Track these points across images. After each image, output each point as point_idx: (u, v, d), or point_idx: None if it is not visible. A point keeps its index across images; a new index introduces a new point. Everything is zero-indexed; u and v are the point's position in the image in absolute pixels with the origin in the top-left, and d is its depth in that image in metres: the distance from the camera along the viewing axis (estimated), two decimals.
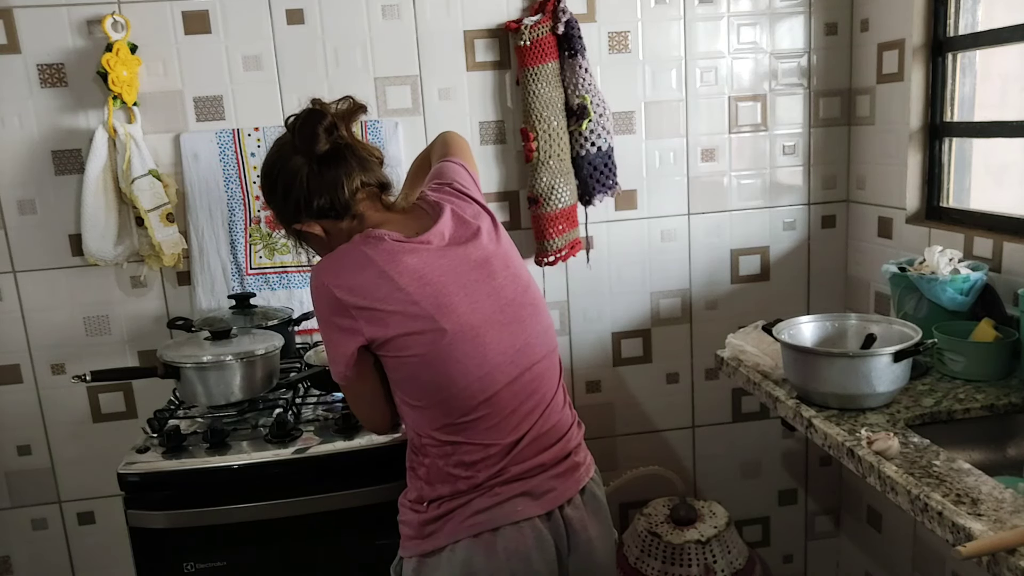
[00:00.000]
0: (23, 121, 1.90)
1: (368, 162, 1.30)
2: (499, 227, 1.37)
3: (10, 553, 2.10)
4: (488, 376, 1.24)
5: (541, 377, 1.31)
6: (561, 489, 1.30)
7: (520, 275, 1.33)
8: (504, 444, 1.26)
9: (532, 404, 1.29)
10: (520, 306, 1.30)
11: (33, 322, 2.00)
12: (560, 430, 1.33)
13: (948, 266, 1.68)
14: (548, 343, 1.35)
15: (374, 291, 1.19)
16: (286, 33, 1.95)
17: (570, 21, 1.96)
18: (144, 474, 1.48)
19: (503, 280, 1.29)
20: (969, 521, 1.05)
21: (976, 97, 1.92)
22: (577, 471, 1.34)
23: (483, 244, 1.30)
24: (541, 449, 1.29)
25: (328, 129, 1.26)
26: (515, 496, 1.25)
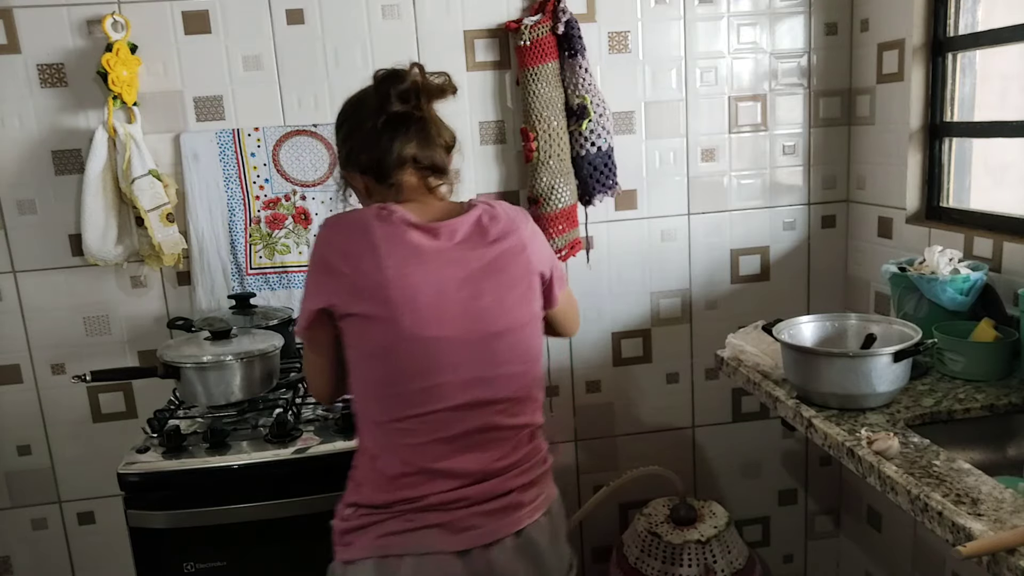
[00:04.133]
0: (23, 121, 1.90)
1: (432, 140, 1.27)
2: (529, 268, 1.26)
3: (10, 553, 2.10)
4: (429, 392, 1.17)
5: (496, 415, 1.21)
6: (488, 528, 1.18)
7: (511, 314, 1.23)
8: (427, 468, 1.17)
9: (475, 439, 1.19)
10: (495, 338, 1.20)
11: (33, 322, 2.00)
12: (500, 467, 1.21)
13: (948, 266, 1.68)
14: (519, 390, 1.24)
15: (359, 262, 1.16)
16: (286, 33, 1.95)
17: (570, 21, 1.96)
18: (144, 474, 1.48)
19: (488, 304, 1.20)
20: (969, 521, 1.05)
21: (976, 97, 1.92)
22: (516, 511, 1.20)
23: (488, 259, 1.22)
24: (470, 483, 1.18)
25: (403, 95, 1.24)
26: (429, 527, 1.16)
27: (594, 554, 2.34)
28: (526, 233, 1.28)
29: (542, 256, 1.30)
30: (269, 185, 1.99)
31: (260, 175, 1.99)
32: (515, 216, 1.30)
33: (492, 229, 1.25)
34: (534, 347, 1.28)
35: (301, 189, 2.00)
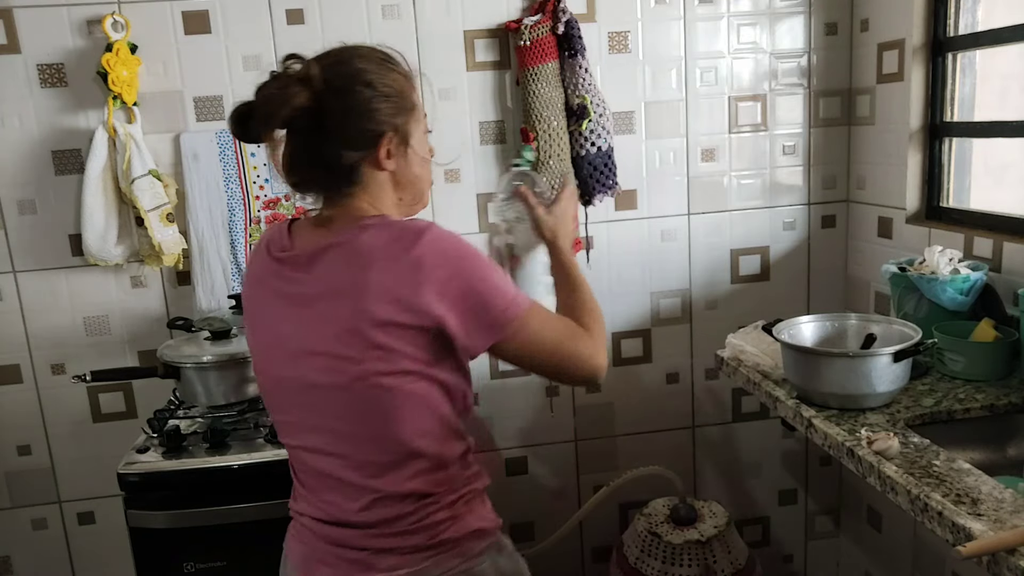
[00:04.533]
0: (23, 121, 1.90)
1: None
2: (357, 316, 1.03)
3: (10, 553, 2.10)
4: (280, 426, 1.18)
5: (341, 469, 1.10)
6: (338, 568, 1.13)
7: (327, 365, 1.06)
8: (298, 481, 1.19)
9: (320, 482, 1.14)
10: (314, 389, 1.08)
11: (33, 322, 2.00)
12: (350, 520, 1.11)
13: (948, 266, 1.68)
14: (370, 452, 1.09)
15: None
16: (286, 33, 1.95)
17: (570, 21, 1.96)
18: (144, 474, 1.48)
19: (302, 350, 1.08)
20: (969, 521, 1.05)
21: (976, 97, 1.92)
22: (366, 571, 1.11)
23: (314, 286, 1.06)
24: (324, 520, 1.14)
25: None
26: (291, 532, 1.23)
27: (594, 554, 2.35)
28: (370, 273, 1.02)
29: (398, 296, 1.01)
30: (269, 185, 1.99)
31: (260, 175, 1.99)
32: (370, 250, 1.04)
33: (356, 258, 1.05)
34: (380, 410, 1.06)
35: None
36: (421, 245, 1.03)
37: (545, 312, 1.13)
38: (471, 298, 1.04)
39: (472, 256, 1.06)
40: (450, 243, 1.06)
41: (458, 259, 1.05)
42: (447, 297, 1.03)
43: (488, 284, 1.06)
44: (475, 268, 1.06)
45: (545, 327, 1.11)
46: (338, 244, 1.06)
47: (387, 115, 1.09)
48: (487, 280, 1.06)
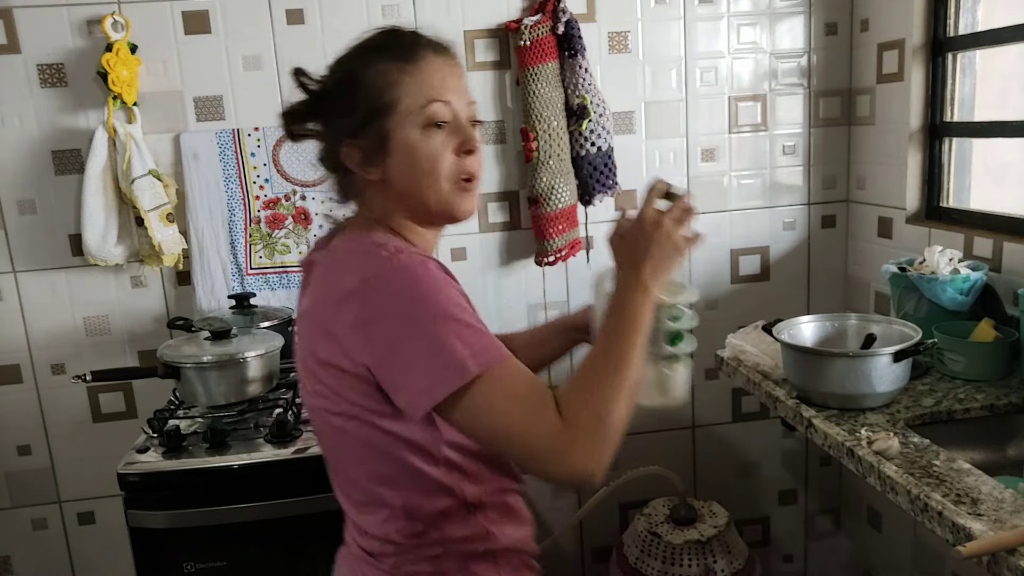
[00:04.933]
0: (23, 121, 1.90)
1: None
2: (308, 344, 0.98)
3: (10, 553, 2.10)
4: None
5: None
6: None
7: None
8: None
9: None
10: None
11: (33, 322, 2.00)
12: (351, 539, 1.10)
13: (948, 266, 1.68)
14: (336, 487, 1.08)
15: None
16: (286, 33, 1.95)
17: (570, 21, 1.96)
18: (144, 474, 1.48)
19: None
20: (969, 521, 1.05)
21: (976, 97, 1.92)
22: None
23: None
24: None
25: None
26: None
27: (594, 554, 2.34)
28: (324, 294, 0.95)
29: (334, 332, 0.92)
30: (269, 185, 1.99)
31: (260, 175, 1.99)
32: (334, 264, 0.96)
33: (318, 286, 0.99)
34: (337, 446, 1.02)
35: (301, 189, 2.00)
36: (363, 275, 0.89)
37: (504, 385, 0.87)
38: (398, 352, 0.88)
39: (422, 301, 0.88)
40: (402, 280, 0.89)
41: (399, 301, 0.88)
42: (371, 343, 0.89)
43: (425, 339, 0.87)
44: (416, 316, 0.87)
45: (488, 413, 0.87)
46: (320, 259, 1.00)
47: (354, 114, 0.98)
48: (426, 333, 0.86)
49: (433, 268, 0.92)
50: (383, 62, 0.99)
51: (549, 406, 0.87)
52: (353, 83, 1.00)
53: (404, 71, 0.98)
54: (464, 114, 1.00)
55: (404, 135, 0.97)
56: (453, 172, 0.99)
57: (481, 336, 0.89)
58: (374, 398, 0.92)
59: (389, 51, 1.00)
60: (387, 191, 1.00)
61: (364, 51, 1.02)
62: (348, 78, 1.01)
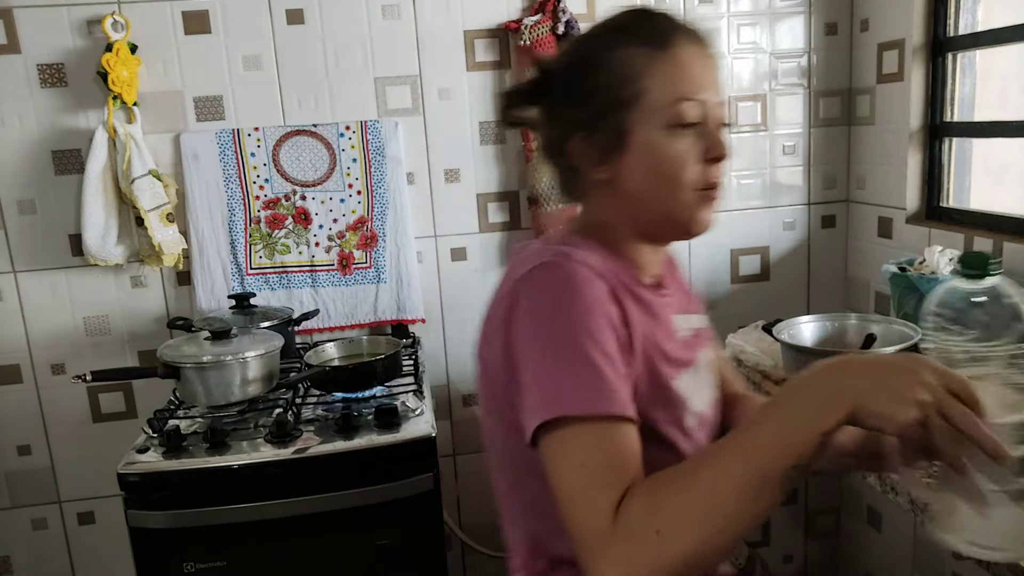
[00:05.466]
0: (23, 121, 1.90)
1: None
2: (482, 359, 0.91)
3: (10, 553, 2.10)
4: None
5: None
6: None
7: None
8: None
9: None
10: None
11: (33, 322, 2.00)
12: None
13: (948, 266, 1.68)
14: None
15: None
16: (286, 33, 1.95)
17: (570, 21, 1.96)
18: (144, 474, 1.48)
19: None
20: None
21: (976, 97, 1.92)
22: None
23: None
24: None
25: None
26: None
27: None
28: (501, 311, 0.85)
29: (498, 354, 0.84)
30: (269, 185, 1.99)
31: (260, 175, 1.99)
32: (506, 279, 0.89)
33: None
34: (498, 473, 0.94)
35: (301, 189, 2.00)
36: (523, 274, 0.83)
37: (587, 444, 0.73)
38: (512, 365, 0.80)
39: (563, 315, 0.78)
40: (557, 287, 0.80)
41: (542, 308, 0.79)
42: (509, 344, 0.82)
43: (546, 358, 0.77)
44: (549, 330, 0.78)
45: (558, 466, 0.74)
46: (511, 257, 0.95)
47: (589, 104, 0.87)
48: (549, 351, 0.77)
49: (599, 292, 0.80)
50: (630, 46, 0.85)
51: (612, 493, 0.70)
52: (592, 68, 0.87)
53: (654, 59, 0.85)
54: (714, 116, 0.87)
55: (645, 134, 0.85)
56: (696, 181, 0.86)
57: (599, 380, 0.75)
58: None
59: (638, 34, 0.86)
60: (616, 194, 0.89)
61: (609, 32, 0.89)
62: (586, 62, 0.88)
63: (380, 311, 2.06)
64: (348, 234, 2.03)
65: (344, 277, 2.04)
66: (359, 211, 2.02)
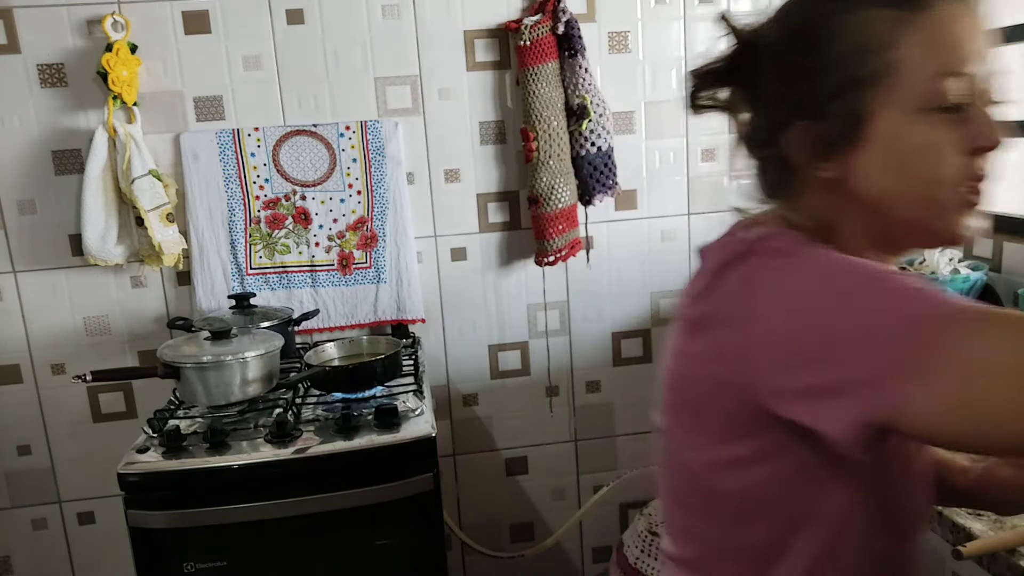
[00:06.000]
0: (23, 121, 1.90)
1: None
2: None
3: (10, 553, 2.10)
4: None
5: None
6: None
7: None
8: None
9: None
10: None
11: (33, 322, 2.00)
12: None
13: (948, 266, 1.68)
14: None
15: None
16: (286, 33, 1.95)
17: (570, 21, 1.96)
18: (144, 474, 1.48)
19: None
20: (969, 521, 1.05)
21: None
22: None
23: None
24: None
25: None
26: None
27: (594, 554, 2.34)
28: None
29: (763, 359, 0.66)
30: (269, 185, 1.99)
31: (260, 175, 1.99)
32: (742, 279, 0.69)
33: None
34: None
35: (301, 189, 2.00)
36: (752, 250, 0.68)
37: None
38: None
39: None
40: (830, 263, 0.65)
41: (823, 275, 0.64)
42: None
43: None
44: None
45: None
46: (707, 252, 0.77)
47: (814, 85, 0.69)
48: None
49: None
50: (871, 7, 0.66)
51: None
52: (818, 38, 0.68)
53: (906, 23, 0.66)
54: (983, 93, 0.68)
55: (892, 119, 0.67)
56: (957, 177, 0.69)
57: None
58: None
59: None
60: (843, 196, 0.71)
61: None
62: (810, 30, 0.69)
63: (380, 311, 2.06)
64: (348, 234, 2.03)
65: (344, 277, 2.04)
66: (359, 211, 2.02)
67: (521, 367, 2.20)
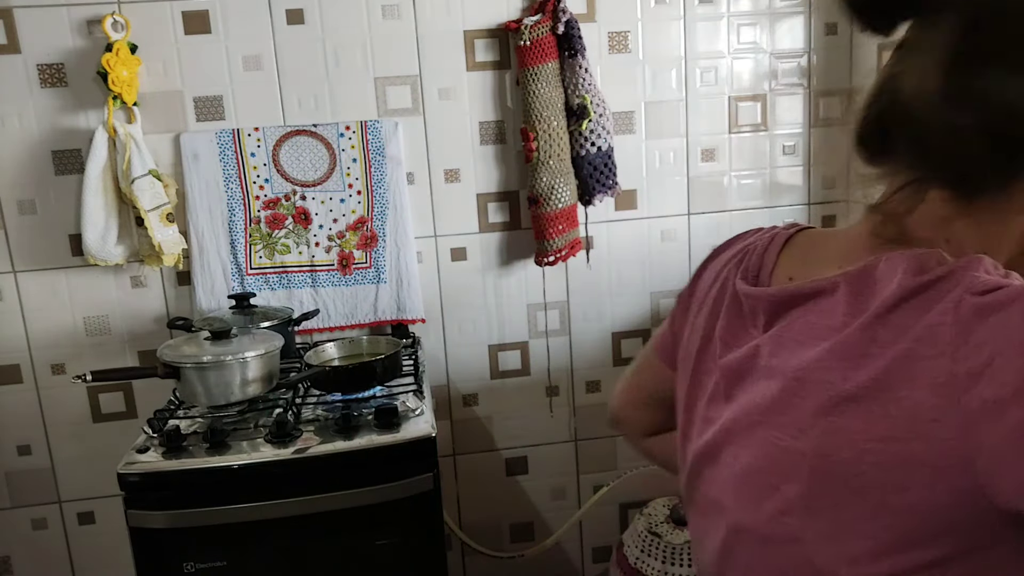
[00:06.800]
0: (23, 121, 1.90)
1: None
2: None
3: (10, 553, 2.10)
4: None
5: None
6: None
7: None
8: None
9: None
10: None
11: (33, 322, 2.00)
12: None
13: None
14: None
15: None
16: (286, 33, 1.95)
17: (570, 21, 1.96)
18: (144, 474, 1.48)
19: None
20: None
21: None
22: None
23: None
24: None
25: None
26: None
27: (594, 554, 2.34)
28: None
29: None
30: (269, 185, 1.99)
31: (260, 175, 1.99)
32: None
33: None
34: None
35: (301, 189, 2.00)
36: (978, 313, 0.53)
37: None
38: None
39: None
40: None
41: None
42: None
43: None
44: None
45: None
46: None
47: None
48: None
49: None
50: None
51: None
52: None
53: None
54: None
55: None
56: None
57: None
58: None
59: None
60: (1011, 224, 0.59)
61: None
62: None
63: (380, 311, 2.06)
64: (348, 234, 2.03)
65: (344, 277, 2.04)
66: (359, 211, 2.02)
67: (521, 367, 2.20)
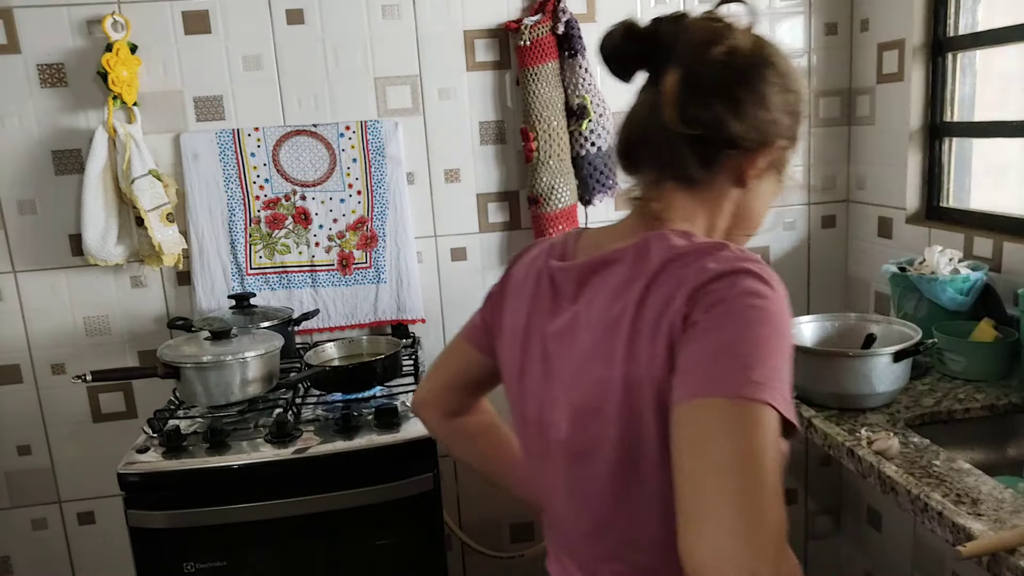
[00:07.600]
0: (23, 121, 1.90)
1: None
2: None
3: (10, 553, 2.10)
4: None
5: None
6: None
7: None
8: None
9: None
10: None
11: (33, 322, 2.00)
12: None
13: (948, 266, 1.68)
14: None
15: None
16: (286, 33, 1.95)
17: (570, 21, 1.96)
18: (144, 474, 1.48)
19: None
20: (969, 521, 1.05)
21: (976, 97, 1.92)
22: None
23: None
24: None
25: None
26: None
27: None
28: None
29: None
30: (269, 185, 1.99)
31: (260, 175, 1.99)
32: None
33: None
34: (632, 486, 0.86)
35: (301, 189, 2.00)
36: (723, 270, 0.79)
37: (768, 439, 0.70)
38: (707, 346, 0.76)
39: (786, 328, 0.81)
40: (778, 299, 0.81)
41: (774, 311, 0.79)
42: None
43: (771, 354, 0.77)
44: (782, 333, 0.80)
45: (749, 438, 0.69)
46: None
47: (785, 121, 0.88)
48: (778, 351, 0.78)
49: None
50: (800, 81, 0.91)
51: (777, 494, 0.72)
52: (792, 85, 0.90)
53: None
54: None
55: (784, 168, 1.00)
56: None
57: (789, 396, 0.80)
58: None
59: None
60: (735, 206, 0.95)
61: (784, 58, 0.91)
62: (784, 75, 0.91)
63: (380, 311, 2.06)
64: (348, 234, 2.03)
65: (344, 277, 2.04)
66: (359, 211, 2.02)
67: None
